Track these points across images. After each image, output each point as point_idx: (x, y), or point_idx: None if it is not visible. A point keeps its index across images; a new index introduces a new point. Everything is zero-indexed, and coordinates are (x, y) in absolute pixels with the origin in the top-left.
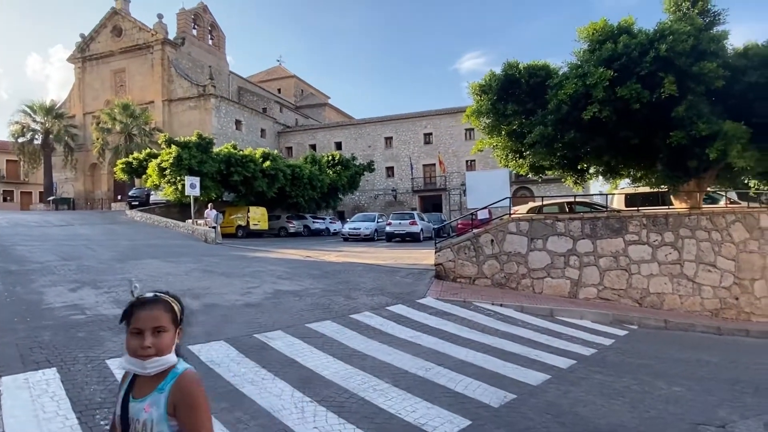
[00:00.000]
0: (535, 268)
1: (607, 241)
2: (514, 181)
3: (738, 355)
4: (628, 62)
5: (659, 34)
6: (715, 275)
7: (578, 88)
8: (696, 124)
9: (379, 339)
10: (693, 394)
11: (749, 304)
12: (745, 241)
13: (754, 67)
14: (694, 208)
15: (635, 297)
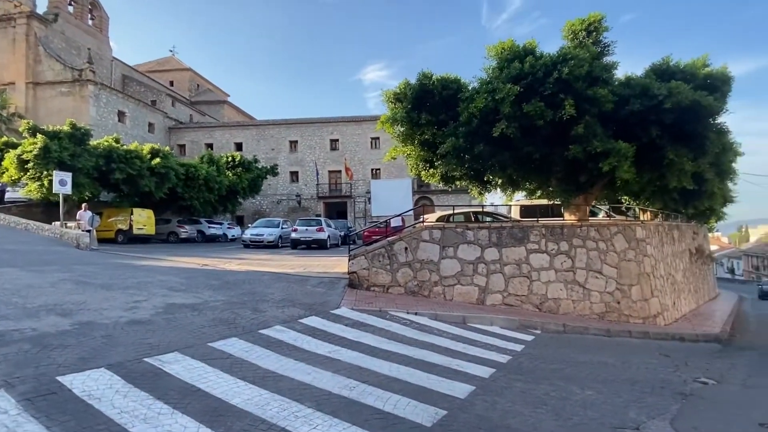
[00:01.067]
0: (446, 276)
1: (511, 249)
2: (415, 191)
3: (628, 356)
4: (533, 82)
5: (561, 57)
6: (601, 281)
7: (488, 103)
8: (592, 141)
9: (295, 356)
10: (604, 397)
11: (628, 307)
12: (625, 251)
13: (635, 96)
14: (582, 219)
15: (535, 302)
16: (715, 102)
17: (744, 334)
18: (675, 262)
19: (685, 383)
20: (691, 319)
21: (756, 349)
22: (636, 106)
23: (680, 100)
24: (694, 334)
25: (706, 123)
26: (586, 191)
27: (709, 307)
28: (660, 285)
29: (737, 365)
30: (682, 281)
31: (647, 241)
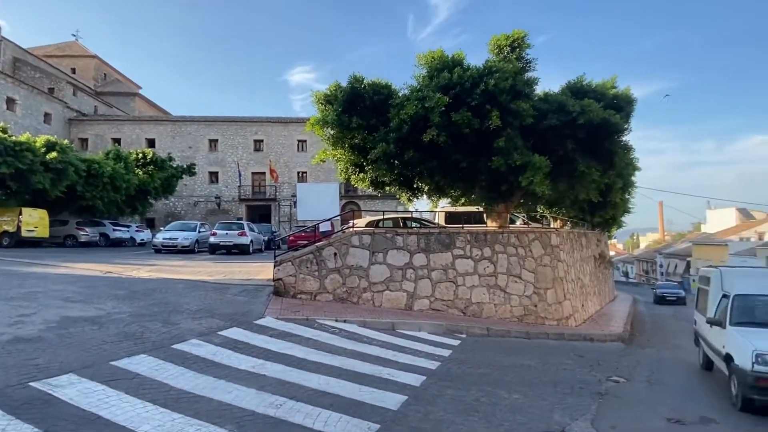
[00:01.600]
0: (375, 282)
1: (439, 255)
2: (342, 195)
3: (547, 357)
4: (461, 92)
5: (488, 70)
6: (520, 285)
7: (418, 110)
8: (513, 154)
9: (214, 373)
10: (529, 400)
11: (544, 309)
12: (541, 256)
13: (552, 111)
14: (503, 226)
15: (460, 307)
16: (621, 120)
17: (642, 333)
18: (583, 266)
19: (600, 383)
20: (597, 320)
21: (653, 346)
22: (553, 121)
23: (592, 117)
24: (602, 335)
25: (614, 140)
26: (507, 200)
27: (610, 308)
28: (571, 288)
29: (641, 363)
30: (589, 284)
31: (561, 247)
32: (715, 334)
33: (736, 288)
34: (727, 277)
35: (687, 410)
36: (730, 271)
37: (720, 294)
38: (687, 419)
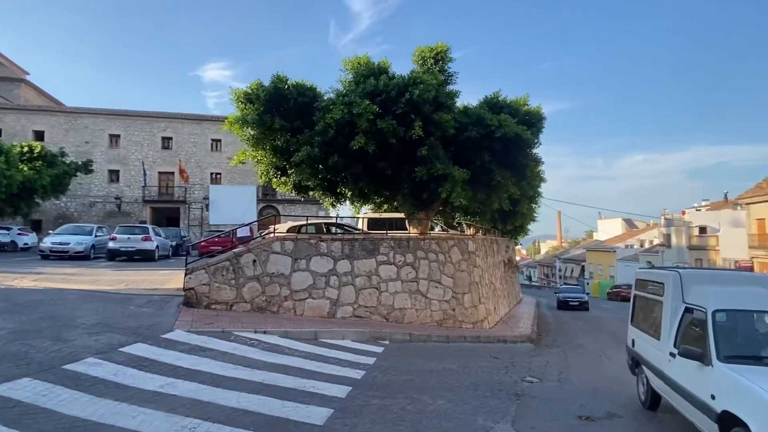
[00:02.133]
0: (297, 290)
1: (363, 261)
2: (260, 199)
3: (467, 361)
4: (387, 100)
5: (412, 80)
6: (440, 290)
7: (344, 115)
8: (435, 164)
9: (115, 396)
10: (454, 405)
11: (461, 313)
12: (459, 262)
13: (472, 124)
14: (424, 233)
15: (383, 313)
16: (533, 135)
17: (547, 334)
18: (495, 271)
19: (516, 383)
20: (508, 322)
21: (559, 346)
22: (473, 133)
23: (507, 131)
24: (513, 336)
25: (526, 153)
26: (429, 207)
27: (518, 311)
28: (485, 292)
29: (550, 363)
30: (500, 288)
31: (477, 253)
32: (683, 370)
33: (712, 300)
34: (689, 282)
35: (595, 407)
36: (692, 275)
37: (681, 308)
38: (596, 415)
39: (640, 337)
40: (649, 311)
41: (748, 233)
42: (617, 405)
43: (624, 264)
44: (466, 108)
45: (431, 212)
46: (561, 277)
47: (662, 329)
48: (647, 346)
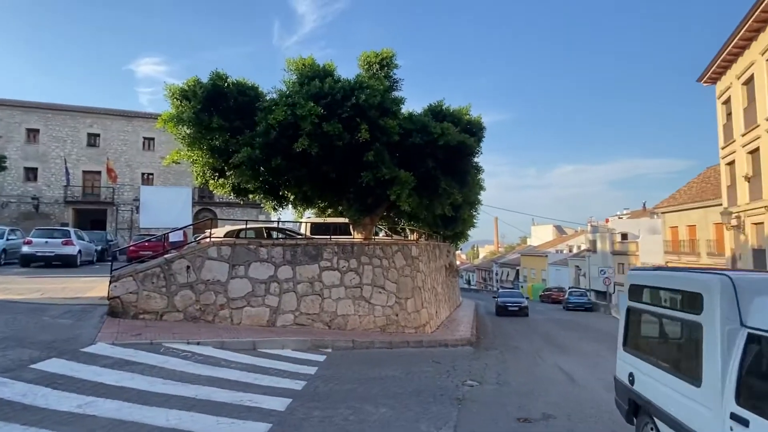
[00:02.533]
0: (235, 297)
1: (305, 267)
2: (196, 201)
3: (409, 366)
4: (332, 103)
5: (358, 84)
6: (383, 296)
7: (288, 116)
8: (381, 168)
9: (24, 419)
10: (397, 413)
11: (404, 318)
12: (403, 267)
13: (417, 131)
14: (368, 238)
15: (326, 320)
16: (474, 144)
17: (486, 336)
18: (436, 276)
19: (457, 388)
20: (448, 326)
21: (497, 348)
22: (417, 140)
23: (450, 139)
24: (454, 340)
25: (468, 161)
26: (373, 212)
27: (458, 314)
28: (428, 297)
29: (489, 365)
30: (441, 293)
31: (420, 258)
32: None
33: None
34: (750, 293)
35: (532, 408)
36: (753, 282)
37: (741, 336)
38: (532, 417)
39: (650, 373)
40: (667, 335)
41: (663, 240)
42: (551, 405)
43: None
44: (411, 115)
45: (376, 217)
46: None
47: (705, 370)
48: (668, 392)
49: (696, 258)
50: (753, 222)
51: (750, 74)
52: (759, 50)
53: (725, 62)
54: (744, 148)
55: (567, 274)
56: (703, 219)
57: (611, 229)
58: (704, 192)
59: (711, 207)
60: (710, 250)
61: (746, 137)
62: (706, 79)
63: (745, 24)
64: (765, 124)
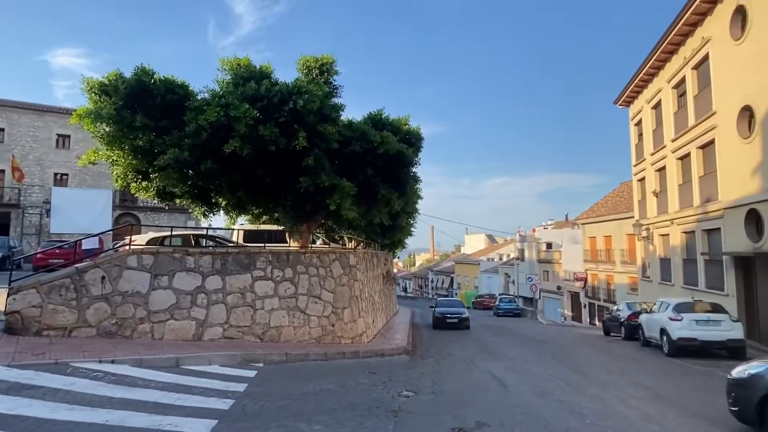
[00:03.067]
0: (157, 310)
1: (236, 277)
2: (117, 205)
3: (345, 379)
4: (269, 106)
5: (297, 89)
6: (320, 306)
7: (220, 118)
8: (320, 175)
9: None
10: (331, 430)
11: (341, 329)
12: (340, 276)
13: (356, 138)
14: (305, 246)
15: (258, 333)
16: (413, 154)
17: (422, 344)
18: (374, 284)
19: (393, 399)
20: (385, 334)
21: (432, 356)
22: (357, 148)
23: (389, 148)
24: (390, 349)
25: (407, 170)
26: (311, 220)
27: (394, 322)
28: (365, 306)
29: (425, 374)
30: (378, 301)
31: (358, 267)
32: None
33: None
34: None
35: (466, 417)
36: None
37: None
38: (467, 426)
39: None
40: None
41: (583, 249)
42: (485, 413)
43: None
44: (351, 122)
45: (314, 225)
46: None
47: None
48: None
49: (611, 266)
50: (660, 233)
51: (658, 99)
52: (666, 78)
53: (638, 87)
54: (653, 167)
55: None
56: (618, 230)
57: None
58: (618, 205)
59: (624, 219)
60: (624, 259)
61: (655, 156)
62: (621, 102)
63: (654, 54)
64: (670, 146)
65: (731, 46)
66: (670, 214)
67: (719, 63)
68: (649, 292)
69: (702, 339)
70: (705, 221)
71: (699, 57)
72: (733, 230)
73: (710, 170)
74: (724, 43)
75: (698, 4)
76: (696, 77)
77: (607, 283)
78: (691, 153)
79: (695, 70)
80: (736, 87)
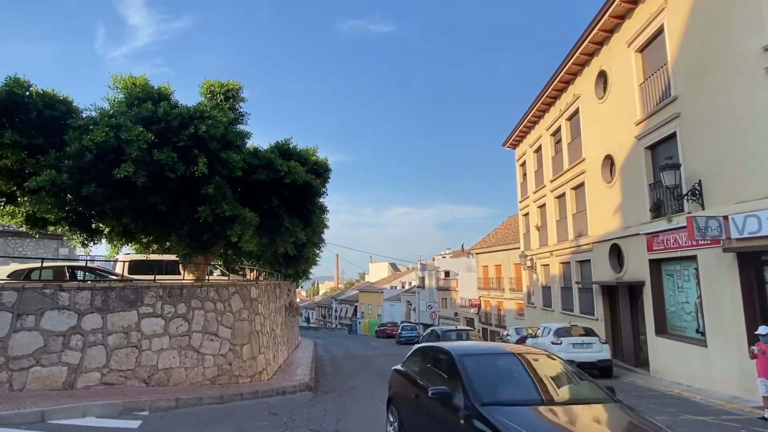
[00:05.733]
0: (19, 356)
1: (120, 314)
2: None
3: (243, 423)
4: (166, 129)
5: (199, 113)
6: (216, 344)
7: (110, 139)
8: (221, 204)
9: None
10: None
11: (238, 367)
12: (240, 310)
13: (262, 167)
14: (201, 279)
15: (143, 376)
16: (320, 184)
17: (324, 378)
18: (276, 317)
19: None
20: (287, 370)
21: (335, 390)
22: (263, 177)
23: (297, 178)
24: (292, 386)
25: (313, 200)
26: (209, 250)
27: (296, 356)
28: (266, 341)
29: (328, 411)
30: (280, 335)
31: (259, 300)
32: None
33: None
34: None
35: None
36: None
37: None
38: None
39: None
40: None
41: (477, 277)
42: None
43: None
44: (257, 150)
45: (211, 256)
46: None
47: None
48: None
49: (501, 293)
50: (542, 263)
51: (539, 144)
52: (545, 126)
53: (522, 132)
54: (535, 203)
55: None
56: (506, 260)
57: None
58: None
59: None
60: (512, 287)
61: (536, 194)
62: (508, 145)
63: (535, 104)
64: (549, 185)
65: (596, 104)
66: (550, 246)
67: (587, 117)
68: (533, 317)
69: (578, 360)
70: (578, 253)
71: (571, 110)
72: (600, 262)
73: (581, 208)
74: (591, 101)
75: (570, 66)
76: (569, 127)
77: (498, 309)
78: (566, 193)
79: (569, 121)
80: (600, 138)
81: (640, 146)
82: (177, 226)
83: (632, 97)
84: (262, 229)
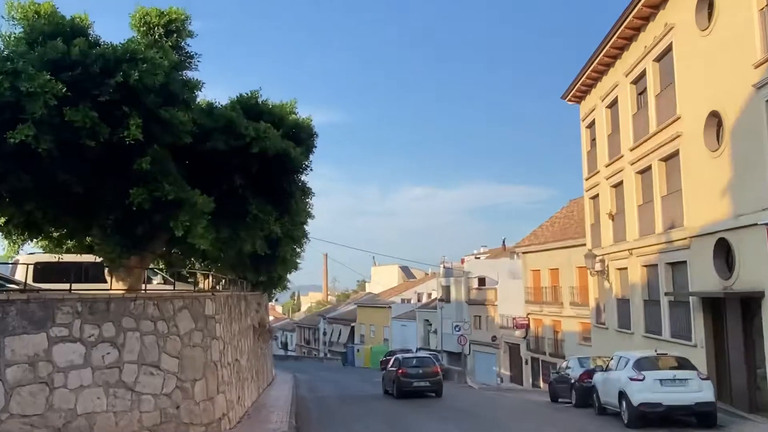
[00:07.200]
0: None
1: (22, 338)
2: None
3: None
4: (84, 77)
5: (130, 54)
6: (158, 379)
7: (4, 91)
8: (162, 184)
9: None
10: None
11: (189, 412)
12: (190, 333)
13: (219, 131)
14: (136, 289)
15: (57, 424)
16: (302, 155)
17: (309, 424)
18: (241, 342)
19: None
20: (256, 416)
21: None
22: (220, 145)
23: (268, 146)
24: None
25: (292, 178)
26: (146, 248)
27: (269, 395)
28: (227, 376)
29: None
30: (246, 367)
31: (217, 318)
32: None
33: None
34: None
35: None
36: None
37: None
38: None
39: None
40: None
41: (524, 286)
42: None
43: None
44: (212, 107)
45: (150, 256)
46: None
47: None
48: None
49: (559, 308)
50: (617, 267)
51: (614, 97)
52: (623, 70)
53: (590, 79)
54: (608, 181)
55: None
56: (566, 262)
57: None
58: (567, 229)
59: (574, 248)
60: (573, 300)
61: (610, 168)
62: (570, 97)
63: (609, 39)
64: (628, 156)
65: (697, 38)
66: (629, 243)
67: (684, 56)
68: (604, 343)
69: (667, 403)
70: (669, 252)
71: (661, 47)
72: (700, 265)
73: (674, 189)
74: (689, 33)
75: None
76: (658, 72)
77: (553, 331)
78: (652, 165)
79: (657, 63)
80: (702, 87)
81: (760, 98)
82: (101, 215)
83: (751, 27)
84: (221, 218)
